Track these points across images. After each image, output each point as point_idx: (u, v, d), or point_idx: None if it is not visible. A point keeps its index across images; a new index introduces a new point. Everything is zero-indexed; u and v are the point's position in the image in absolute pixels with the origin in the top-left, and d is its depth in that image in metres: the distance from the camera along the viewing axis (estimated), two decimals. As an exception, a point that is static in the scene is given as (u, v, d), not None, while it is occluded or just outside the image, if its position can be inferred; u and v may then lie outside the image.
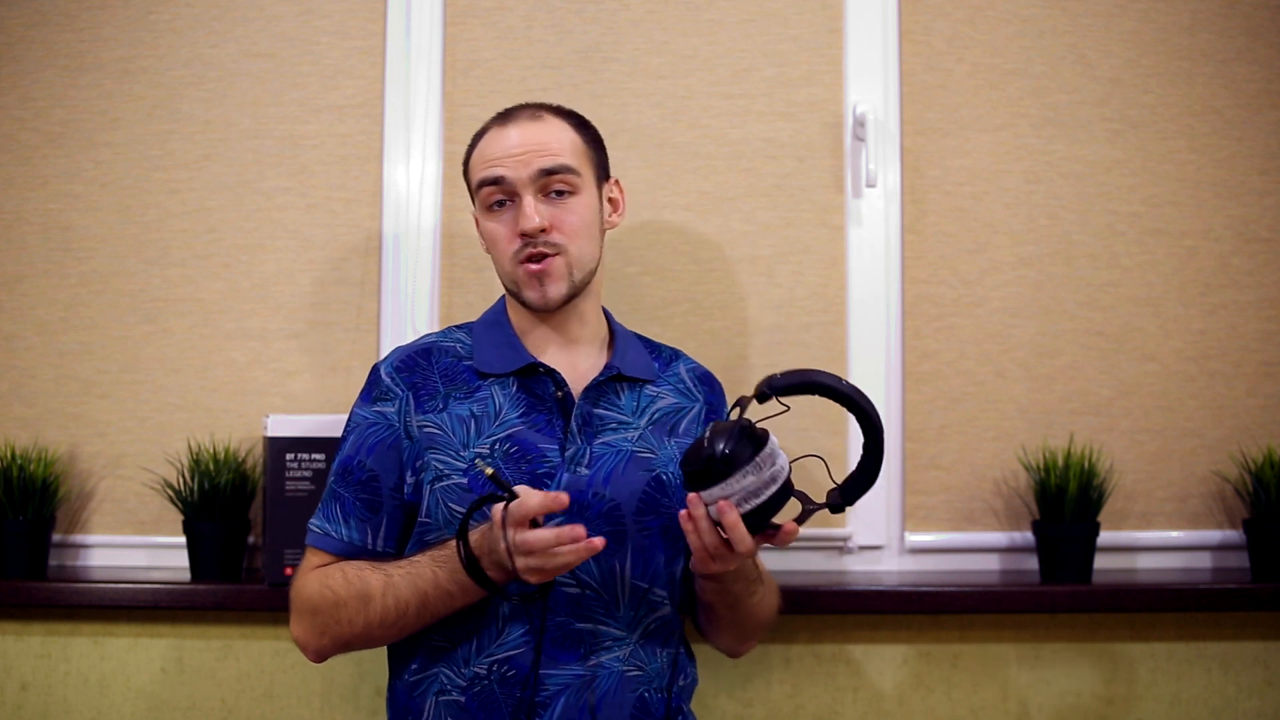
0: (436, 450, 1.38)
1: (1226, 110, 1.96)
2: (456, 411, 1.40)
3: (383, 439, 1.40)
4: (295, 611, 1.39)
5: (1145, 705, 1.82)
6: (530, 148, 1.41)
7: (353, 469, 1.40)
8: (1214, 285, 1.94)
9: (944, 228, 1.95)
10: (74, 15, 1.97)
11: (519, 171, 1.40)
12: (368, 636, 1.35)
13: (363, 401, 1.44)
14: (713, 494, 1.21)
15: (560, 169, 1.41)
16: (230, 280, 1.94)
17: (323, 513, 1.41)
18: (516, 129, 1.43)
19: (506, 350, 1.45)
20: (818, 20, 1.96)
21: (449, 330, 1.52)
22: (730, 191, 1.94)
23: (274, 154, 1.95)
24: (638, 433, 1.44)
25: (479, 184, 1.43)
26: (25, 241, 1.95)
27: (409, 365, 1.44)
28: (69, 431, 1.92)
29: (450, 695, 1.35)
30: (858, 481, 1.29)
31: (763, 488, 1.20)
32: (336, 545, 1.39)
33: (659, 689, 1.39)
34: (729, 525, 1.22)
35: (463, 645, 1.35)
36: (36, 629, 1.82)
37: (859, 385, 1.28)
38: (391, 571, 1.33)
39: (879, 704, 1.82)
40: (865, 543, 1.91)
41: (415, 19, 1.96)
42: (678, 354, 1.58)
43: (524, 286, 1.42)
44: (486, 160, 1.43)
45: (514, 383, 1.42)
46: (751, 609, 1.46)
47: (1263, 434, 1.90)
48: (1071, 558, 1.80)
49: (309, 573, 1.39)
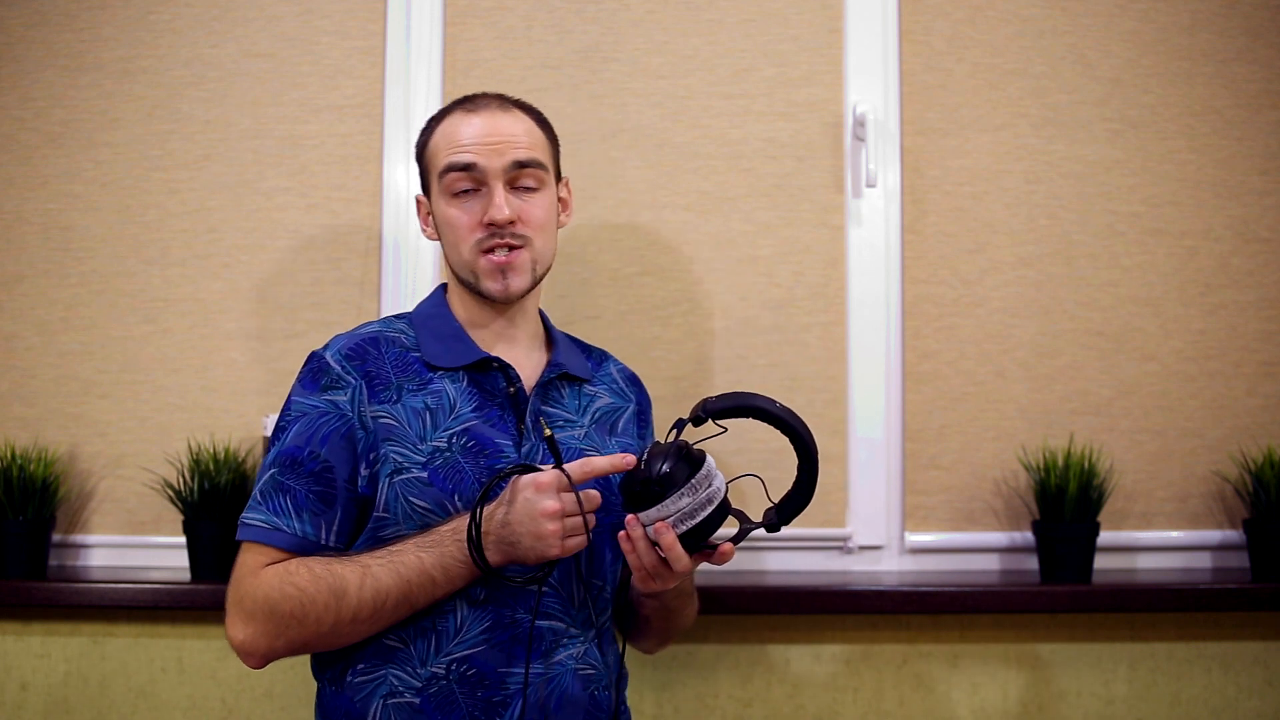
0: (394, 442, 1.34)
1: (1226, 110, 1.96)
2: (411, 404, 1.36)
3: (336, 428, 1.34)
4: (243, 614, 1.29)
5: (1145, 705, 1.82)
6: (503, 138, 1.40)
7: (303, 460, 1.33)
8: (1214, 285, 1.94)
9: (944, 228, 1.95)
10: (74, 15, 1.97)
11: (492, 160, 1.39)
12: (334, 635, 1.29)
13: (307, 390, 1.37)
14: (650, 515, 1.22)
15: (532, 163, 1.41)
16: (230, 280, 1.94)
17: (267, 506, 1.32)
18: (487, 117, 1.41)
19: (454, 344, 1.42)
20: (818, 20, 1.96)
21: (389, 320, 1.47)
22: (730, 191, 1.94)
23: (274, 154, 1.95)
24: (583, 430, 1.44)
25: (446, 168, 1.39)
26: (25, 241, 1.95)
27: (360, 353, 1.39)
28: (69, 431, 1.92)
29: (402, 697, 1.30)
30: (793, 501, 1.30)
31: (699, 509, 1.21)
32: (288, 540, 1.30)
33: (607, 686, 1.39)
34: (666, 546, 1.23)
35: (417, 645, 1.31)
36: (36, 629, 1.83)
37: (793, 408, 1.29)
38: (368, 562, 1.28)
39: (879, 704, 1.82)
40: (865, 543, 1.91)
41: (415, 19, 1.96)
42: (606, 354, 1.59)
43: (485, 277, 1.40)
44: (455, 145, 1.40)
45: (464, 377, 1.40)
46: (681, 620, 1.51)
47: (1263, 434, 1.90)
48: (1071, 558, 1.80)
49: (260, 571, 1.30)
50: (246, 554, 1.33)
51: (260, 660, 1.31)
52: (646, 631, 1.50)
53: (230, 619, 1.31)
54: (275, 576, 1.29)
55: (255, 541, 1.32)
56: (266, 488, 1.34)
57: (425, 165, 1.46)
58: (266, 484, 1.34)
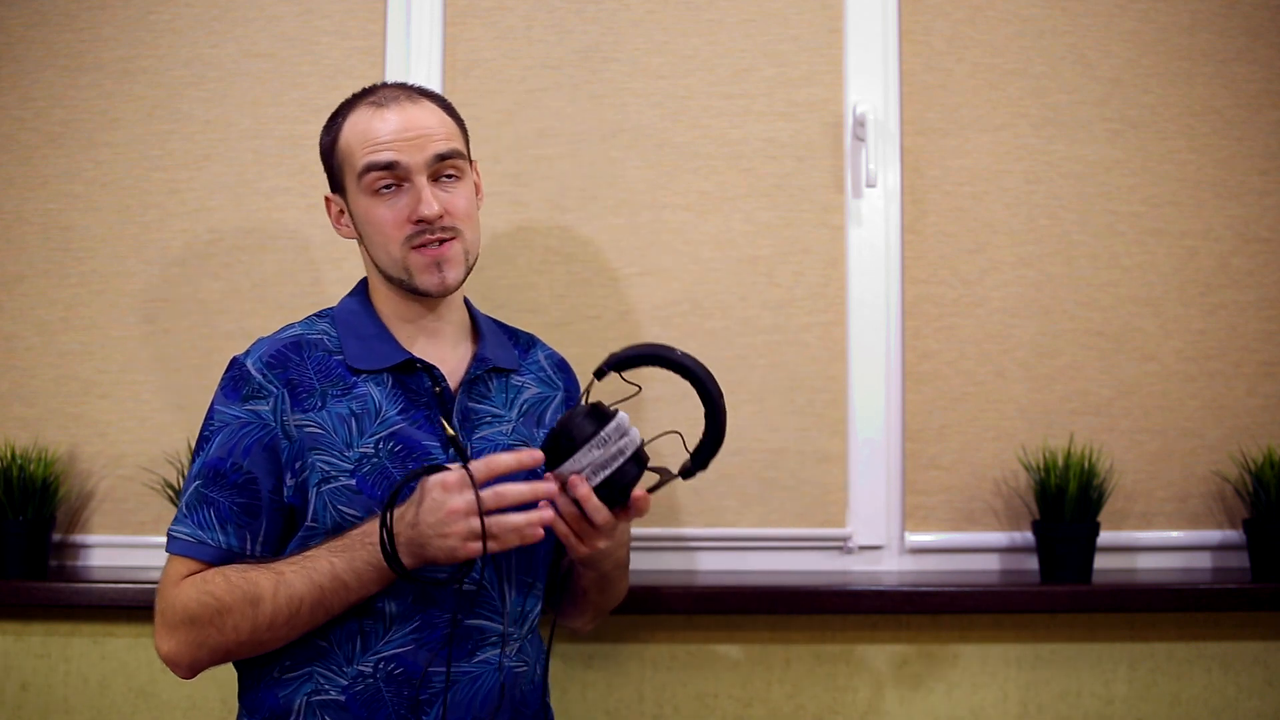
0: (320, 451, 1.32)
1: (1226, 110, 1.96)
2: (336, 410, 1.34)
3: (259, 439, 1.32)
4: (166, 625, 1.30)
5: (1145, 705, 1.82)
6: (421, 131, 1.37)
7: (226, 471, 1.31)
8: (1214, 285, 1.94)
9: (944, 228, 1.95)
10: (74, 15, 1.97)
11: (413, 156, 1.36)
12: (253, 643, 1.29)
13: (228, 399, 1.35)
14: (564, 470, 1.24)
15: (452, 154, 1.38)
16: (230, 280, 1.94)
17: (192, 519, 1.32)
18: (399, 112, 1.38)
19: (378, 345, 1.39)
20: (818, 20, 1.96)
21: (311, 320, 1.44)
22: (730, 191, 1.94)
23: (274, 154, 1.95)
24: (511, 425, 1.42)
25: (366, 167, 1.35)
26: (25, 241, 1.95)
27: (281, 360, 1.36)
28: (69, 431, 1.92)
29: (327, 695, 1.30)
30: (704, 447, 1.32)
31: (610, 460, 1.23)
32: (212, 553, 1.30)
33: (532, 682, 1.40)
34: (581, 498, 1.23)
35: (344, 644, 1.31)
36: (36, 629, 1.82)
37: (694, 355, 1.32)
38: (282, 569, 1.27)
39: (879, 704, 1.82)
40: (865, 543, 1.91)
41: (415, 19, 1.96)
42: (534, 339, 1.57)
43: (419, 273, 1.37)
44: (371, 142, 1.36)
45: (389, 378, 1.38)
46: (616, 593, 1.51)
47: (1263, 434, 1.90)
48: (1071, 558, 1.80)
49: (180, 582, 1.30)
50: (171, 565, 1.33)
51: (187, 671, 1.32)
52: (583, 606, 1.50)
53: (156, 631, 1.32)
54: (192, 587, 1.29)
55: (179, 554, 1.32)
56: (191, 500, 1.33)
57: (336, 163, 1.41)
58: (191, 496, 1.33)
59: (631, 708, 1.80)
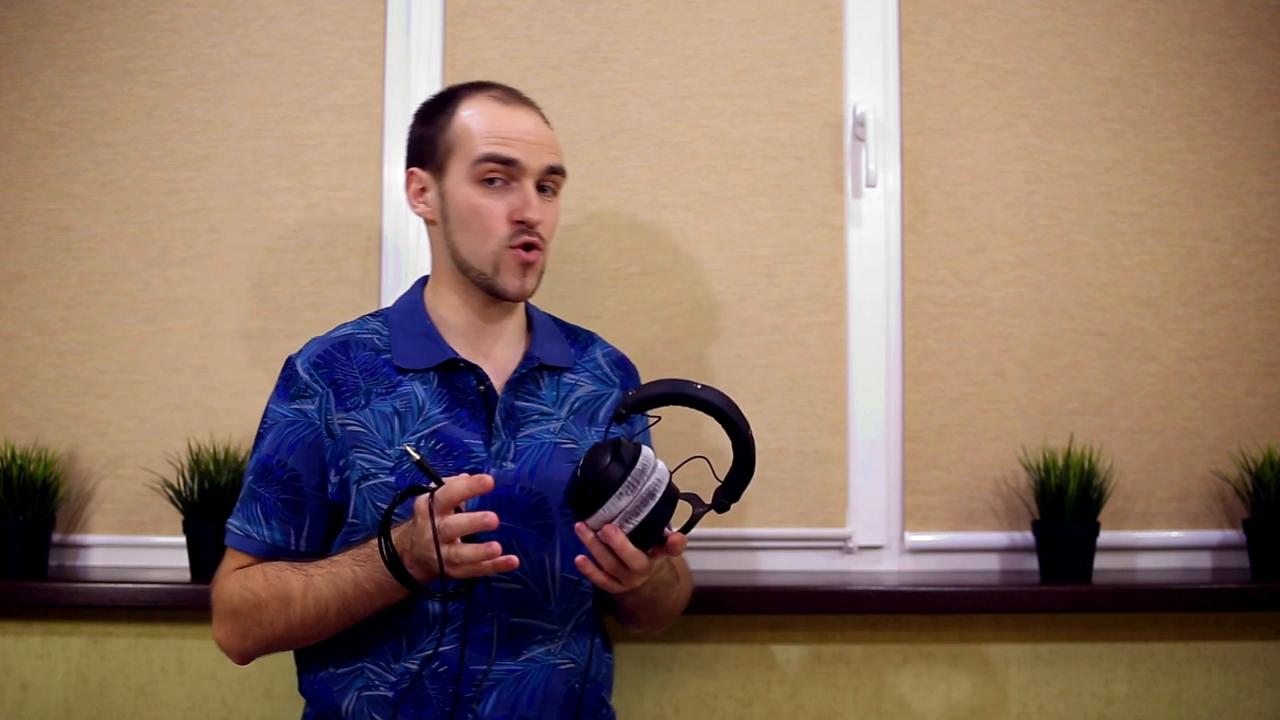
0: (361, 449, 1.35)
1: (1226, 110, 1.96)
2: (379, 408, 1.37)
3: (303, 437, 1.37)
4: (217, 615, 1.37)
5: (1145, 705, 1.82)
6: (542, 139, 1.42)
7: (273, 468, 1.37)
8: (1214, 285, 1.94)
9: (944, 228, 1.95)
10: (74, 15, 1.97)
11: (531, 159, 1.39)
12: (290, 638, 1.34)
13: (279, 398, 1.40)
14: (596, 520, 1.21)
15: (561, 170, 1.43)
16: (230, 280, 1.94)
17: (242, 513, 1.39)
18: (526, 115, 1.43)
19: (425, 343, 1.42)
20: (818, 20, 1.96)
21: (364, 320, 1.48)
22: (730, 191, 1.94)
23: (274, 154, 1.95)
24: (560, 423, 1.43)
25: (486, 156, 1.38)
26: (25, 241, 1.95)
27: (327, 360, 1.40)
28: (69, 431, 1.92)
29: (377, 690, 1.33)
30: (735, 480, 1.30)
31: (641, 505, 1.20)
32: (258, 547, 1.37)
33: (588, 680, 1.40)
34: (617, 547, 1.21)
35: (392, 641, 1.34)
36: (36, 629, 1.82)
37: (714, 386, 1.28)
38: (312, 571, 1.31)
39: (879, 704, 1.82)
40: (865, 543, 1.91)
41: (415, 19, 1.96)
42: (594, 337, 1.58)
43: (506, 271, 1.39)
44: (497, 135, 1.39)
45: (434, 377, 1.40)
46: (668, 607, 1.49)
47: (1263, 434, 1.90)
48: (1071, 558, 1.80)
49: (229, 574, 1.37)
50: (225, 558, 1.40)
51: (238, 657, 1.38)
52: (637, 622, 1.51)
53: (212, 619, 1.38)
54: (236, 581, 1.36)
55: (231, 547, 1.39)
56: (244, 495, 1.40)
57: (444, 142, 1.42)
58: (244, 491, 1.40)
59: (632, 708, 1.81)
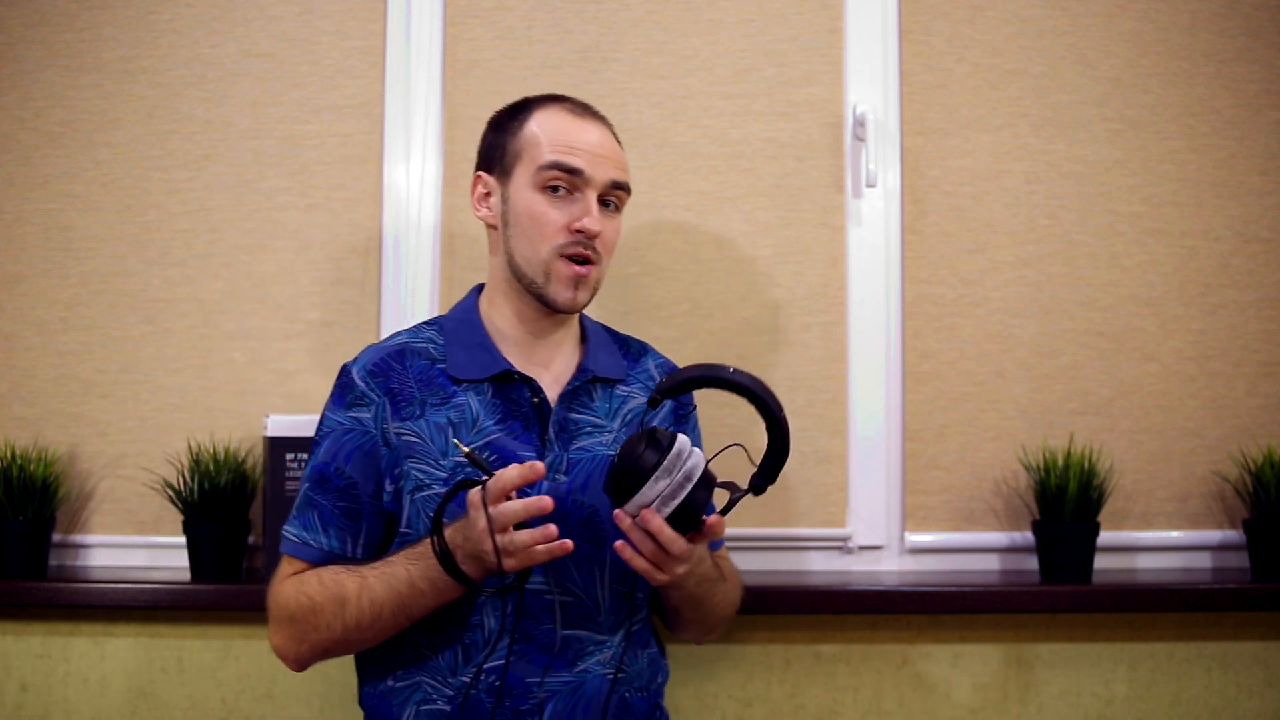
0: (416, 459, 1.36)
1: (1226, 110, 1.96)
2: (434, 419, 1.37)
3: (360, 445, 1.38)
4: (274, 620, 1.37)
5: (1145, 705, 1.82)
6: (610, 154, 1.42)
7: (330, 476, 1.38)
8: (1214, 285, 1.94)
9: (944, 228, 1.95)
10: (74, 15, 1.97)
11: (596, 172, 1.39)
12: (346, 641, 1.34)
13: (335, 406, 1.41)
14: (632, 506, 1.22)
15: (626, 186, 1.44)
16: (230, 280, 1.94)
17: (299, 520, 1.39)
18: (598, 128, 1.43)
19: (480, 354, 1.42)
20: (818, 20, 1.96)
21: (419, 328, 1.48)
22: (730, 191, 1.94)
23: (274, 154, 1.95)
24: (612, 435, 1.43)
25: (553, 164, 1.38)
26: (25, 241, 1.95)
27: (383, 369, 1.40)
28: (69, 431, 1.92)
29: (435, 704, 1.33)
30: (771, 462, 1.30)
31: (678, 488, 1.21)
32: (315, 554, 1.37)
33: (640, 689, 1.40)
34: (655, 531, 1.21)
35: (446, 654, 1.34)
36: (36, 629, 1.82)
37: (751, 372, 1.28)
38: (366, 573, 1.31)
39: (879, 704, 1.82)
40: (865, 543, 1.91)
41: (415, 19, 1.96)
42: (646, 348, 1.57)
43: (557, 281, 1.39)
44: (567, 145, 1.39)
45: (488, 388, 1.40)
46: (714, 607, 1.47)
47: (1263, 434, 1.90)
48: (1071, 558, 1.80)
49: (285, 580, 1.37)
50: (281, 564, 1.40)
51: (295, 664, 1.38)
52: (681, 623, 1.50)
53: (269, 625, 1.38)
54: (292, 587, 1.36)
55: (287, 554, 1.39)
56: (301, 502, 1.40)
57: (513, 148, 1.43)
58: (301, 498, 1.40)
59: (631, 708, 1.80)
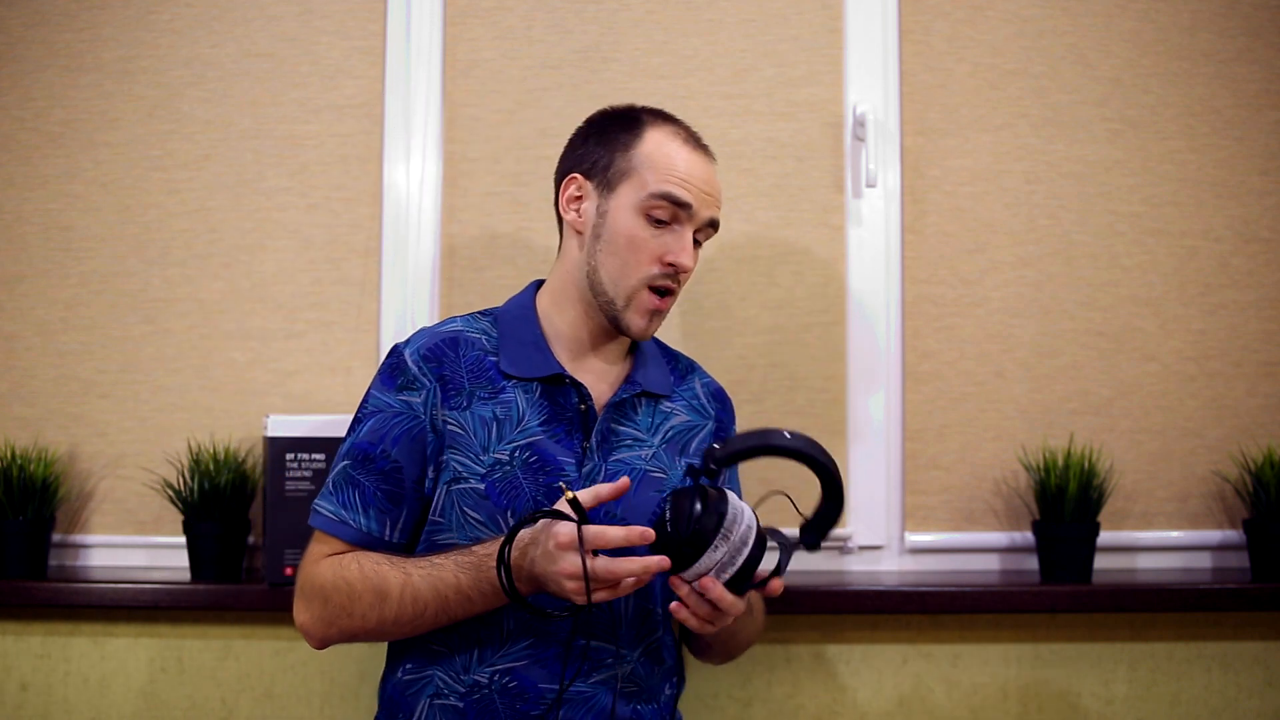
0: (457, 451, 1.35)
1: (1226, 110, 1.96)
2: (479, 412, 1.36)
3: (408, 430, 1.36)
4: (303, 597, 1.34)
5: (1145, 705, 1.82)
6: (715, 192, 1.42)
7: (375, 457, 1.35)
8: (1214, 285, 1.94)
9: (944, 228, 1.95)
10: (74, 15, 1.97)
11: (701, 209, 1.39)
12: (380, 633, 1.33)
13: (385, 386, 1.38)
14: (691, 574, 1.21)
15: (717, 225, 1.43)
16: (230, 280, 1.94)
17: (337, 498, 1.36)
18: (706, 163, 1.42)
19: (534, 353, 1.40)
20: (818, 20, 1.96)
21: (473, 318, 1.46)
22: (730, 191, 1.93)
23: (274, 154, 1.95)
24: (651, 451, 1.42)
25: (663, 195, 1.37)
26: (25, 241, 1.95)
27: (437, 355, 1.39)
28: (69, 431, 1.92)
29: (447, 700, 1.33)
30: (824, 518, 1.29)
31: (736, 554, 1.20)
32: (353, 534, 1.34)
33: (648, 700, 1.39)
34: (716, 599, 1.21)
35: (462, 653, 1.34)
36: (36, 629, 1.82)
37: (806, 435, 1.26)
38: (411, 570, 1.29)
39: (879, 704, 1.82)
40: (865, 543, 1.91)
41: (415, 19, 1.96)
42: (694, 366, 1.56)
43: (637, 311, 1.39)
44: (681, 175, 1.38)
45: (537, 388, 1.39)
46: (743, 640, 1.50)
47: (1263, 434, 1.90)
48: (1071, 558, 1.80)
49: (321, 560, 1.34)
50: (314, 541, 1.37)
51: (318, 643, 1.36)
52: (707, 652, 1.51)
53: (295, 601, 1.36)
54: (330, 568, 1.33)
55: (323, 530, 1.36)
56: (339, 479, 1.37)
57: (623, 162, 1.40)
58: (339, 475, 1.37)
59: (631, 708, 1.81)
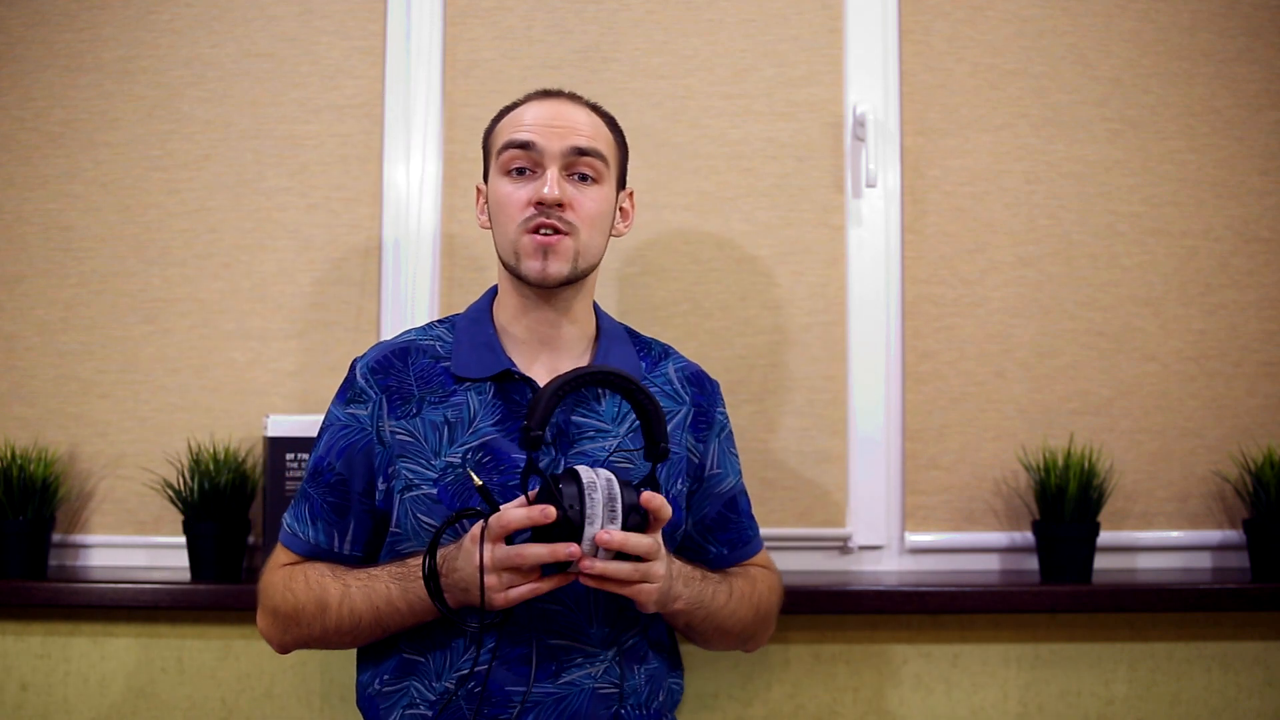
0: (407, 459, 1.35)
1: (1226, 110, 1.96)
2: (430, 417, 1.36)
3: (353, 443, 1.37)
4: (261, 607, 1.39)
5: (1145, 705, 1.82)
6: (565, 123, 1.39)
7: (323, 470, 1.38)
8: (1214, 285, 1.94)
9: (944, 228, 1.95)
10: (74, 15, 1.97)
11: (550, 142, 1.37)
12: (326, 641, 1.36)
13: (338, 401, 1.41)
14: (588, 540, 1.18)
15: (591, 151, 1.38)
16: (230, 280, 1.94)
17: (293, 511, 1.40)
18: (555, 104, 1.41)
19: (485, 353, 1.39)
20: (818, 20, 1.96)
21: (430, 326, 1.47)
22: (730, 191, 1.94)
23: (274, 154, 1.95)
24: (616, 441, 1.38)
25: (505, 145, 1.38)
26: (25, 241, 1.95)
27: (384, 367, 1.39)
28: (69, 431, 1.92)
29: (418, 710, 1.32)
30: (650, 433, 1.26)
31: (610, 502, 1.18)
32: (302, 546, 1.38)
33: (636, 705, 1.36)
34: (620, 543, 1.18)
35: (434, 659, 1.33)
36: (36, 629, 1.82)
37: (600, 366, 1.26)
38: (350, 582, 1.32)
39: (879, 704, 1.82)
40: (865, 543, 1.91)
41: (415, 19, 1.96)
42: (668, 351, 1.53)
43: (526, 256, 1.36)
44: (518, 124, 1.39)
45: (490, 388, 1.38)
46: (728, 618, 1.41)
47: (1263, 434, 1.90)
48: (1071, 558, 1.80)
49: (276, 570, 1.39)
50: (275, 551, 1.42)
51: (278, 648, 1.41)
52: (705, 640, 1.46)
53: (257, 609, 1.41)
54: (280, 579, 1.37)
55: (280, 542, 1.41)
56: (297, 494, 1.42)
57: (488, 148, 1.44)
58: (298, 489, 1.42)
59: (631, 708, 1.81)
